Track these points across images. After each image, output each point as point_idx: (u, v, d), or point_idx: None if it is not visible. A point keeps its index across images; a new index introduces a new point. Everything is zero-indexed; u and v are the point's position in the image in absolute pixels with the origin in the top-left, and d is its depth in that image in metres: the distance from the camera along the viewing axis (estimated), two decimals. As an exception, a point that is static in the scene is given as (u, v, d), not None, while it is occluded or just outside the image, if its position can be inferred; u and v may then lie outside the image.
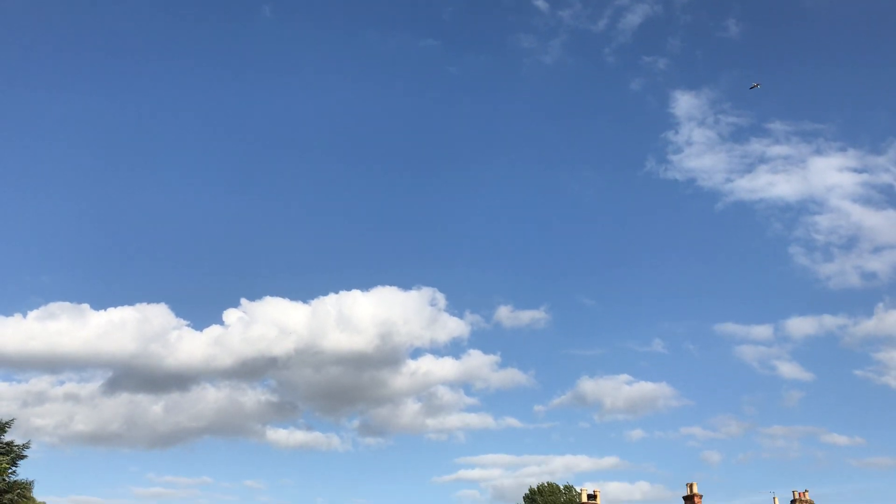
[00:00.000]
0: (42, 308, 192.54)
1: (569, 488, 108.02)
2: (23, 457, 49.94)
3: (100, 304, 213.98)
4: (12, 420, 50.49)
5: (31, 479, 54.90)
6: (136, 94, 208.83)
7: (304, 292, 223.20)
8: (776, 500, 59.78)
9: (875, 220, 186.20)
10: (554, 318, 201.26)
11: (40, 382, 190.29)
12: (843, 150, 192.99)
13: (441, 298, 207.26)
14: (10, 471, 48.59)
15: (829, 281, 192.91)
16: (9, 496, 47.58)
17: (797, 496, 56.19)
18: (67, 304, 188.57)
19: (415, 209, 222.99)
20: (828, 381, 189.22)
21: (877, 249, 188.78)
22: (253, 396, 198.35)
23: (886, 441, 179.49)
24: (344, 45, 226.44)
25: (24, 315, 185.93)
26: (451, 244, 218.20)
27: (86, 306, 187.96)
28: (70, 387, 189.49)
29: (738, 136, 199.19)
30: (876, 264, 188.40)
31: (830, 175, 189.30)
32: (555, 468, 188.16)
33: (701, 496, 56.61)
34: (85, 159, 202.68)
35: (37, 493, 56.94)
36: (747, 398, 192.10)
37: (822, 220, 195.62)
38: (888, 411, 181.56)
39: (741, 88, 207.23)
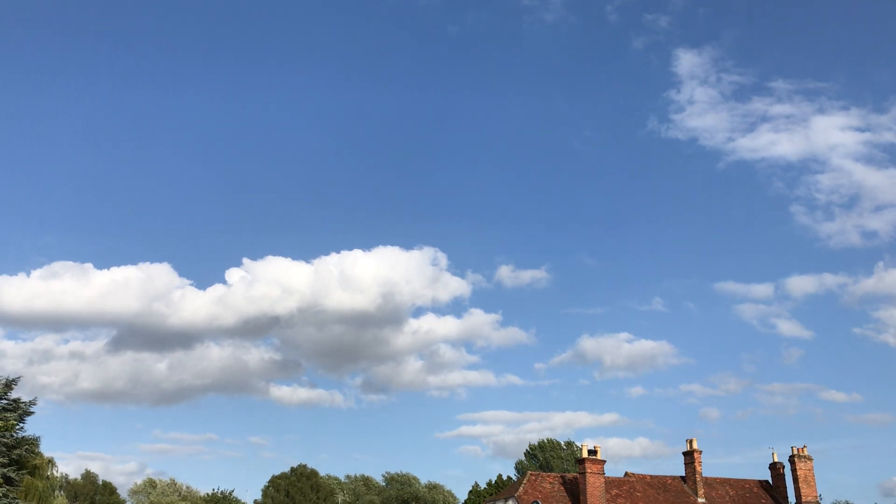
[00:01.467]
0: (45, 267, 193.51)
1: (569, 444, 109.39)
2: (30, 413, 50.51)
3: (103, 263, 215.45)
4: (18, 377, 51.01)
5: (38, 435, 55.73)
6: (138, 54, 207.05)
7: (305, 252, 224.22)
8: (774, 455, 60.49)
9: (877, 179, 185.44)
10: (555, 277, 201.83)
11: (45, 341, 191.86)
12: (845, 108, 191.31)
13: (442, 258, 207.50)
14: (17, 427, 49.17)
15: (829, 240, 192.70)
16: (17, 452, 48.20)
17: (795, 452, 56.82)
18: (71, 263, 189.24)
19: (416, 170, 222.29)
20: (827, 339, 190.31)
21: (878, 208, 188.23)
22: (256, 354, 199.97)
23: (884, 398, 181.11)
24: (345, 5, 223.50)
25: (28, 274, 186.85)
26: (453, 204, 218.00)
27: (89, 265, 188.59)
28: (75, 345, 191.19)
29: (741, 94, 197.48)
30: (877, 223, 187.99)
31: (832, 134, 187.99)
32: (555, 424, 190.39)
33: (700, 452, 57.27)
34: (87, 119, 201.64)
35: (44, 449, 57.73)
36: (747, 356, 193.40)
37: (824, 180, 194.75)
38: (886, 368, 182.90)
39: (744, 47, 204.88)
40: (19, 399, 50.17)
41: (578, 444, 58.04)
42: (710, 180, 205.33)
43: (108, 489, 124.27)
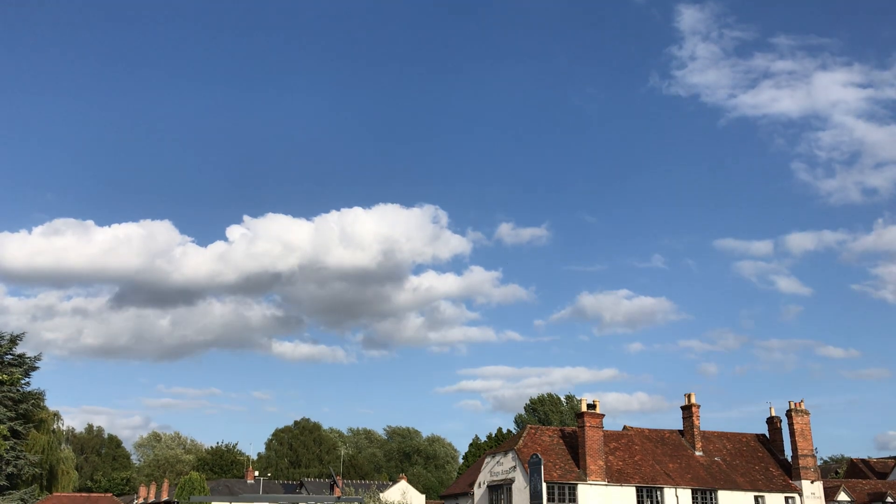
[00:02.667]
0: (47, 224, 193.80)
1: (569, 398, 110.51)
2: (35, 368, 51.06)
3: (104, 220, 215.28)
4: (23, 333, 51.45)
5: (43, 389, 56.45)
6: (139, 14, 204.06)
7: (306, 209, 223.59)
8: (772, 409, 61.19)
9: (878, 136, 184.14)
10: (555, 235, 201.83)
11: (48, 297, 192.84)
12: (848, 64, 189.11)
13: (443, 216, 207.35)
14: (23, 382, 49.73)
15: (829, 197, 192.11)
16: (23, 406, 48.80)
17: (792, 406, 57.43)
18: (72, 220, 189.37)
19: (416, 126, 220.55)
20: (825, 295, 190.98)
21: (878, 165, 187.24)
22: (258, 311, 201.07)
23: (881, 353, 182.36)
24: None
25: (30, 231, 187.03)
26: (454, 162, 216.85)
27: (90, 222, 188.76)
28: (78, 301, 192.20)
29: (743, 50, 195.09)
30: (877, 180, 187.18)
31: (834, 90, 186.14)
32: (554, 380, 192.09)
33: (698, 406, 57.94)
34: (87, 75, 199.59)
35: (50, 403, 58.66)
36: (745, 312, 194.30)
37: (825, 136, 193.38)
38: (884, 324, 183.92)
39: (746, 2, 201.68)
40: (24, 354, 50.67)
41: (578, 399, 58.66)
42: (711, 137, 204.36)
43: (114, 442, 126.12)
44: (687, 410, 58.07)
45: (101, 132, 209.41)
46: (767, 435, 60.97)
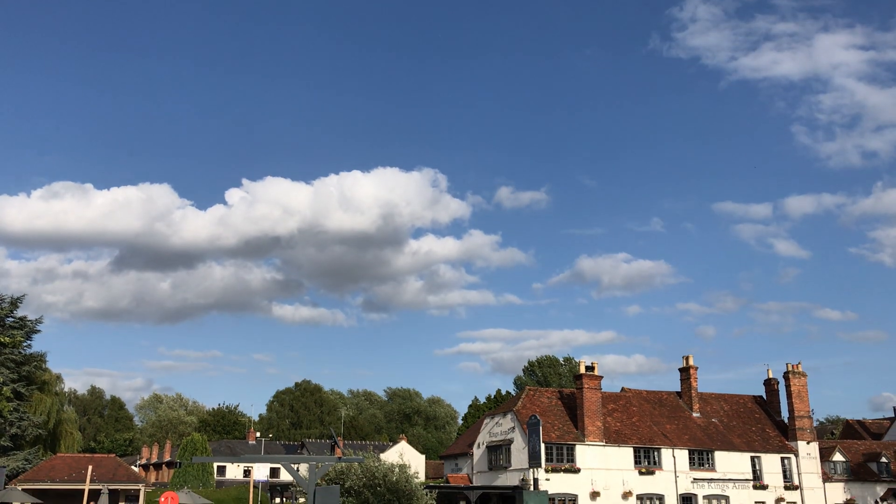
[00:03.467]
0: (46, 187, 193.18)
1: (568, 360, 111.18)
2: (36, 331, 51.28)
3: (103, 183, 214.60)
4: (23, 295, 51.58)
5: (46, 351, 56.79)
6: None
7: (305, 172, 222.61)
8: (769, 371, 61.58)
9: (879, 98, 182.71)
10: (554, 198, 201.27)
11: (49, 260, 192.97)
12: (850, 26, 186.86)
13: (442, 179, 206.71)
14: (24, 344, 49.97)
15: (829, 160, 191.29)
16: (25, 368, 49.09)
17: (790, 368, 57.79)
18: (71, 183, 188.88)
19: (415, 90, 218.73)
20: (823, 258, 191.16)
21: (879, 128, 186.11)
22: (258, 274, 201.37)
23: (877, 315, 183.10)
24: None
25: (29, 194, 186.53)
26: (453, 125, 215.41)
27: (89, 186, 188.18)
28: (78, 265, 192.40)
29: (744, 12, 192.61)
30: (877, 143, 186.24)
31: (836, 53, 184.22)
32: (553, 342, 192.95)
33: (696, 368, 58.31)
34: (86, 36, 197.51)
35: (52, 366, 59.09)
36: (744, 275, 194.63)
37: (826, 99, 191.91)
38: (880, 287, 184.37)
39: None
40: (25, 317, 50.84)
41: (577, 361, 58.99)
42: (712, 100, 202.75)
43: (117, 404, 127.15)
44: (685, 372, 58.45)
45: (99, 95, 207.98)
46: (764, 396, 61.45)
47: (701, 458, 53.66)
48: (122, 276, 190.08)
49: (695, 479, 52.74)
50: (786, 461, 56.21)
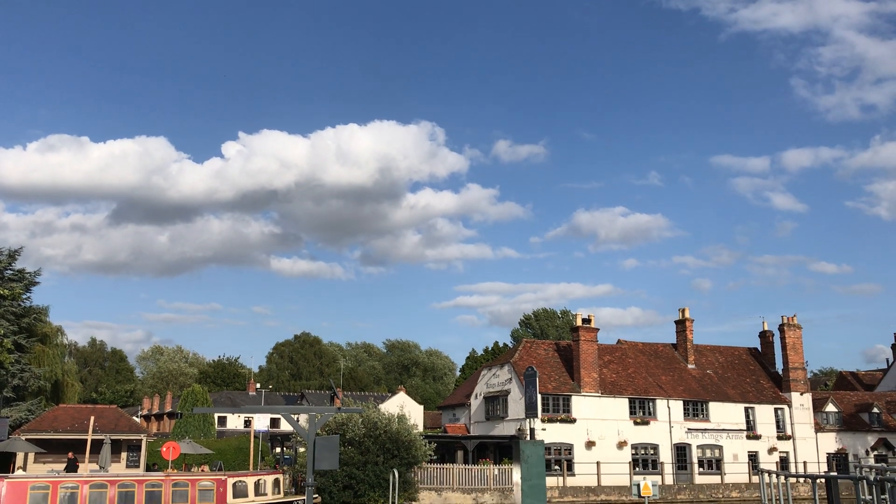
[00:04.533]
0: (41, 140, 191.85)
1: (565, 313, 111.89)
2: (35, 283, 51.37)
3: (99, 136, 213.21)
4: (21, 248, 51.56)
5: (46, 304, 56.97)
6: None
7: (301, 126, 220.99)
8: (765, 324, 62.12)
9: (880, 51, 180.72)
10: (552, 152, 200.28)
11: (46, 214, 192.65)
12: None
13: (440, 133, 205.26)
14: (23, 297, 50.11)
15: (827, 113, 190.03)
16: (26, 320, 49.33)
17: (785, 321, 58.26)
18: (67, 136, 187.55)
19: (413, 42, 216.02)
20: (820, 211, 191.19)
21: (879, 81, 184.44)
22: (256, 228, 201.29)
23: (872, 269, 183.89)
24: None
25: (24, 147, 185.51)
26: (450, 78, 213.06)
27: (85, 139, 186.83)
28: (76, 218, 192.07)
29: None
30: (876, 96, 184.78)
31: (836, 4, 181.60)
32: (549, 295, 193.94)
33: (692, 321, 58.76)
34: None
35: (52, 318, 59.25)
36: (740, 229, 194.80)
37: (826, 52, 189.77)
38: (876, 240, 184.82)
39: None
40: (23, 269, 50.88)
41: (574, 313, 59.40)
42: (711, 52, 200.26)
43: (117, 356, 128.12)
44: (681, 325, 58.90)
45: (94, 47, 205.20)
46: (759, 349, 62.06)
47: (695, 409, 54.39)
48: (119, 229, 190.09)
49: (689, 429, 53.55)
50: (779, 412, 57.01)
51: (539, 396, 47.93)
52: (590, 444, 50.41)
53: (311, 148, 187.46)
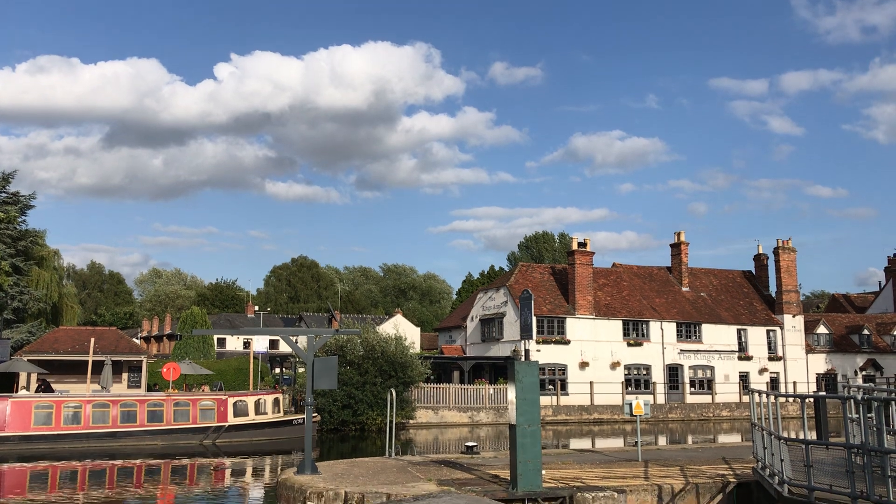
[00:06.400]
0: (31, 61, 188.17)
1: (563, 236, 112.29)
2: (30, 207, 51.28)
3: (89, 57, 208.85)
4: (15, 171, 51.29)
5: (42, 228, 57.04)
6: None
7: (294, 46, 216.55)
8: (760, 247, 62.42)
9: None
10: (549, 74, 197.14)
11: (39, 136, 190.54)
12: None
13: (436, 54, 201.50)
14: (19, 220, 50.07)
15: (827, 35, 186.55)
16: (22, 243, 49.40)
17: (780, 244, 58.54)
18: (57, 57, 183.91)
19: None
20: (817, 135, 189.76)
21: (880, 1, 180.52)
22: (250, 151, 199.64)
23: (868, 192, 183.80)
24: None
25: (14, 68, 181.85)
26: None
27: (76, 60, 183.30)
28: (69, 141, 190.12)
29: None
30: (878, 17, 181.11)
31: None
32: (545, 220, 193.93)
33: (687, 244, 59.02)
34: None
35: (49, 242, 59.36)
36: (737, 152, 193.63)
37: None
38: (872, 164, 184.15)
39: None
40: (18, 192, 50.71)
41: (570, 237, 59.64)
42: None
43: (115, 279, 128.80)
44: (676, 248, 59.17)
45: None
46: (753, 272, 62.54)
47: (688, 331, 55.15)
48: (113, 152, 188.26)
49: (681, 350, 54.41)
50: (771, 333, 57.85)
51: (534, 319, 48.53)
52: (583, 365, 51.28)
53: (304, 70, 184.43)
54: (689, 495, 14.39)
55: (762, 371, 56.39)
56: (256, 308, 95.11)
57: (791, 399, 48.09)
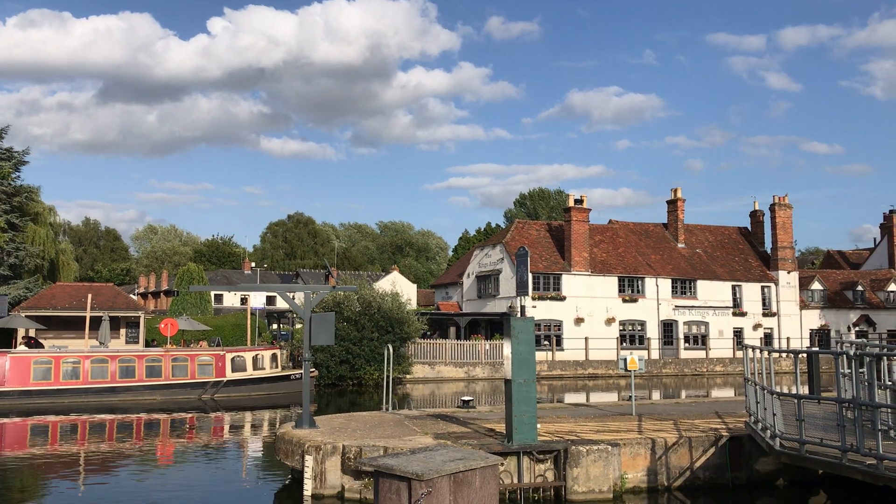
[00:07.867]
0: (21, 15, 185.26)
1: (559, 193, 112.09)
2: (24, 163, 50.96)
3: (80, 11, 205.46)
4: (7, 126, 50.89)
5: (37, 185, 56.73)
6: None
7: (288, 0, 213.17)
8: (756, 203, 62.43)
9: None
10: (546, 29, 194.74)
11: (31, 92, 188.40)
12: None
13: (432, 8, 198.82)
14: (13, 175, 49.80)
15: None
16: (17, 199, 49.23)
17: (776, 200, 58.53)
18: (47, 11, 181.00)
19: None
20: (814, 91, 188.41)
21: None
22: (245, 107, 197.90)
23: (864, 149, 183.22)
24: None
25: (4, 22, 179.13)
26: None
27: (67, 14, 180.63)
28: (62, 96, 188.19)
29: None
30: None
31: None
32: (541, 177, 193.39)
33: (684, 200, 59.00)
34: None
35: (44, 198, 59.23)
36: (734, 108, 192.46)
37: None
38: (869, 121, 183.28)
39: None
40: (11, 148, 50.35)
41: (567, 194, 59.55)
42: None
43: (112, 235, 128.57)
44: (672, 205, 59.16)
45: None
46: (749, 228, 62.64)
47: (683, 287, 55.42)
48: (107, 108, 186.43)
49: (676, 306, 54.74)
50: (766, 289, 58.17)
51: (530, 275, 48.68)
52: (579, 321, 51.61)
53: (298, 24, 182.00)
54: (681, 449, 14.60)
55: (756, 327, 56.81)
56: (253, 264, 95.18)
57: (784, 354, 48.67)
